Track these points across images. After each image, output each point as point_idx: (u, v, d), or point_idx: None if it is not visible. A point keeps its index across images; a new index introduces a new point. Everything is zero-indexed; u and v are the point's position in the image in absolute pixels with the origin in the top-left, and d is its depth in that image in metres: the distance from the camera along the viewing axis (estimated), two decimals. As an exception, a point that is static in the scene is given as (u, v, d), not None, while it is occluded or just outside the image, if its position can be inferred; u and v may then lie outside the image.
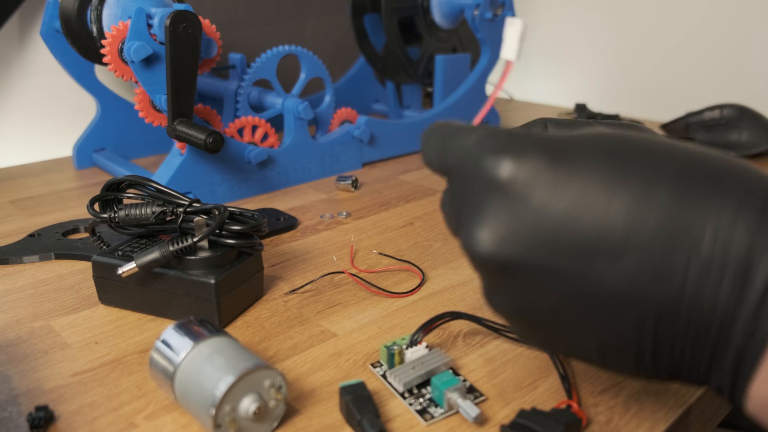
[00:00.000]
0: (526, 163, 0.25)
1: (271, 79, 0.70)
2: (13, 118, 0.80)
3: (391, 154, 0.79)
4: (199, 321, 0.34)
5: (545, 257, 0.24)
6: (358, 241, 0.55)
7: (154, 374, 0.33)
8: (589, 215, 0.24)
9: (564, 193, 0.24)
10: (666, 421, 0.33)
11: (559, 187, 0.24)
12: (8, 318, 0.43)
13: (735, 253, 0.22)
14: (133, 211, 0.43)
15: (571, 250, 0.24)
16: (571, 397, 0.34)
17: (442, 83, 0.84)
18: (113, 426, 0.33)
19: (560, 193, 0.24)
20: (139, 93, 0.61)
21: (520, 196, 0.25)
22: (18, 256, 0.51)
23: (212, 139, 0.56)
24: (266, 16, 0.97)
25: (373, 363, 0.37)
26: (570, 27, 1.13)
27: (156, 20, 0.56)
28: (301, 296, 0.46)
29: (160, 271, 0.41)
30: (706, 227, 0.23)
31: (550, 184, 0.24)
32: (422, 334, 0.37)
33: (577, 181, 0.24)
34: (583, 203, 0.24)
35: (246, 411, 0.30)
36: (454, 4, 0.83)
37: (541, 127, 0.34)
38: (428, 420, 0.32)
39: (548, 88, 1.19)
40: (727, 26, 0.95)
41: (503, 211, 0.25)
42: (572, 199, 0.24)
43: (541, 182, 0.25)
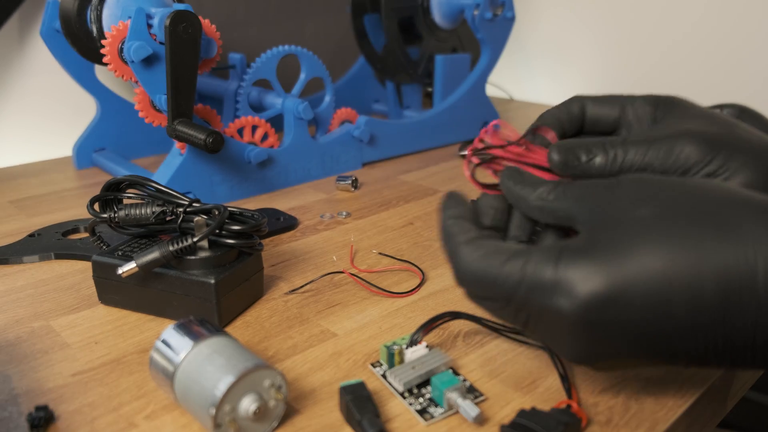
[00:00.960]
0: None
1: (271, 79, 0.70)
2: (13, 118, 0.80)
3: (391, 154, 0.79)
4: (199, 321, 0.34)
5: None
6: (358, 241, 0.55)
7: (154, 374, 0.33)
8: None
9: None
10: (666, 421, 0.33)
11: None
12: (8, 318, 0.43)
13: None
14: (133, 211, 0.43)
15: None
16: (571, 397, 0.34)
17: (442, 83, 0.84)
18: (113, 426, 0.33)
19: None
20: (139, 93, 0.61)
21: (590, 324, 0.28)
22: (18, 256, 0.51)
23: (212, 139, 0.56)
24: (266, 16, 0.97)
25: (373, 363, 0.37)
26: (570, 27, 1.13)
27: (156, 20, 0.56)
28: (301, 296, 0.46)
29: (160, 271, 0.41)
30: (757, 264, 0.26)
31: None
32: (422, 334, 0.37)
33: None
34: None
35: (246, 411, 0.30)
36: (454, 4, 0.83)
37: (578, 107, 0.38)
38: (428, 420, 0.32)
39: (548, 88, 1.19)
40: (727, 26, 0.95)
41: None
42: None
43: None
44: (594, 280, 0.27)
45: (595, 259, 0.28)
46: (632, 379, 0.36)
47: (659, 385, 0.35)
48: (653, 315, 0.27)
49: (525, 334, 0.34)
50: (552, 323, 0.29)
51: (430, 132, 0.82)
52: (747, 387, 0.43)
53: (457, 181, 0.71)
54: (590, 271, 0.27)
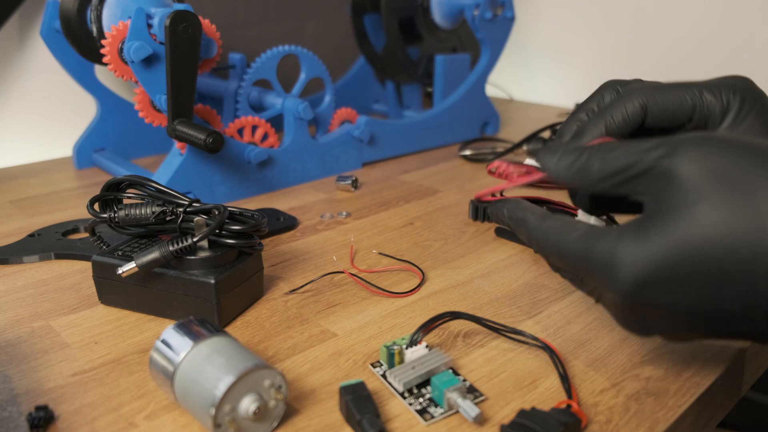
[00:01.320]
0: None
1: (271, 79, 0.70)
2: (13, 118, 0.80)
3: (391, 154, 0.79)
4: (199, 321, 0.34)
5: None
6: (358, 241, 0.55)
7: (154, 374, 0.33)
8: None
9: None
10: (666, 421, 0.33)
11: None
12: (8, 318, 0.43)
13: None
14: (133, 211, 0.43)
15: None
16: (571, 397, 0.34)
17: (442, 83, 0.84)
18: (113, 426, 0.33)
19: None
20: (139, 93, 0.61)
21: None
22: (18, 256, 0.51)
23: (212, 139, 0.56)
24: (266, 16, 0.97)
25: (373, 363, 0.37)
26: (570, 27, 1.13)
27: (156, 20, 0.56)
28: (301, 296, 0.46)
29: (160, 271, 0.41)
30: None
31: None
32: (422, 334, 0.37)
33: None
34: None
35: (246, 411, 0.30)
36: (454, 4, 0.83)
37: (639, 102, 0.35)
38: (428, 420, 0.32)
39: (548, 88, 1.19)
40: (727, 26, 0.95)
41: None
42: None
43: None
44: (639, 264, 0.27)
45: (646, 239, 0.27)
46: (632, 379, 0.36)
47: (659, 385, 0.35)
48: (705, 294, 0.27)
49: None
50: (609, 301, 0.30)
51: (430, 132, 0.82)
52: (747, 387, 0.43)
53: (457, 181, 0.71)
54: (638, 253, 0.27)
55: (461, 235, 0.56)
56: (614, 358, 0.38)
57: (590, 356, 0.38)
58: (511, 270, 0.49)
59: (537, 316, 0.43)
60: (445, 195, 0.66)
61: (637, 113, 0.35)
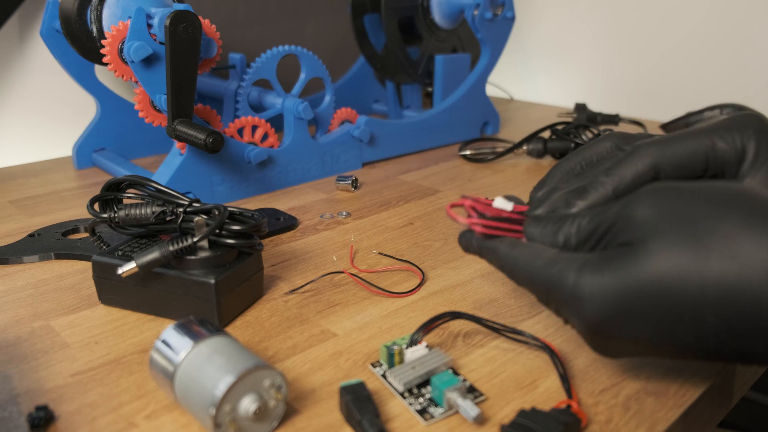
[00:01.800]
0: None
1: (271, 79, 0.70)
2: (13, 118, 0.80)
3: (391, 154, 0.79)
4: (199, 321, 0.34)
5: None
6: (358, 241, 0.55)
7: (154, 374, 0.33)
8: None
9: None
10: (666, 421, 0.33)
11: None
12: (8, 318, 0.43)
13: None
14: (133, 211, 0.43)
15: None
16: (571, 397, 0.34)
17: (442, 83, 0.84)
18: (113, 426, 0.33)
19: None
20: (139, 93, 0.61)
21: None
22: (18, 256, 0.51)
23: (212, 139, 0.56)
24: (266, 16, 0.97)
25: (373, 363, 0.37)
26: (570, 27, 1.13)
27: (156, 20, 0.56)
28: (301, 296, 0.46)
29: (160, 271, 0.41)
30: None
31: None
32: (422, 334, 0.37)
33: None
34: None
35: (246, 411, 0.30)
36: (454, 4, 0.83)
37: (649, 162, 0.35)
38: (428, 420, 0.32)
39: (548, 88, 1.19)
40: (727, 27, 0.95)
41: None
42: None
43: None
44: (599, 298, 0.30)
45: (605, 273, 0.29)
46: (632, 379, 0.36)
47: (659, 385, 0.35)
48: (660, 328, 0.29)
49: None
50: (576, 326, 0.32)
51: (430, 132, 0.82)
52: (747, 387, 0.43)
53: (457, 181, 0.71)
54: (598, 286, 0.30)
55: (461, 235, 0.56)
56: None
57: (590, 356, 0.38)
58: (511, 270, 0.49)
59: (537, 316, 0.43)
60: (445, 195, 0.66)
61: (648, 173, 0.35)
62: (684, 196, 0.30)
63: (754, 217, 0.28)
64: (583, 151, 0.39)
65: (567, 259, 0.32)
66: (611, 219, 0.31)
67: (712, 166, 0.35)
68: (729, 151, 0.34)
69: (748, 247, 0.27)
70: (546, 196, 0.37)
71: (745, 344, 0.28)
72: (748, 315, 0.27)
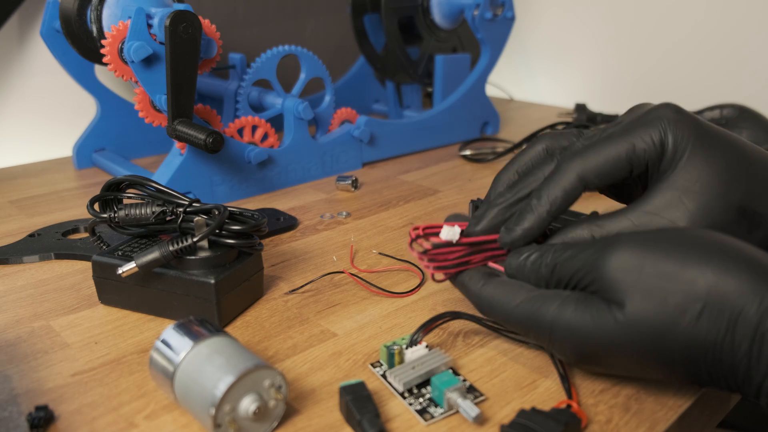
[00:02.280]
0: None
1: (271, 79, 0.70)
2: (13, 118, 0.80)
3: (391, 154, 0.79)
4: (199, 321, 0.34)
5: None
6: (358, 241, 0.55)
7: (154, 374, 0.33)
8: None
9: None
10: (666, 421, 0.33)
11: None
12: (8, 318, 0.43)
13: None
14: (133, 211, 0.43)
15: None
16: (571, 397, 0.34)
17: (442, 83, 0.84)
18: (113, 426, 0.33)
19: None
20: (139, 93, 0.61)
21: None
22: (18, 256, 0.51)
23: (212, 139, 0.56)
24: (266, 16, 0.97)
25: (373, 363, 0.37)
26: (570, 27, 1.13)
27: (156, 20, 0.56)
28: (301, 296, 0.46)
29: (160, 271, 0.41)
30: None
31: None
32: (422, 334, 0.37)
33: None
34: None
35: (246, 411, 0.30)
36: (454, 4, 0.83)
37: (577, 180, 0.36)
38: (428, 420, 0.32)
39: (548, 88, 1.19)
40: (727, 26, 0.95)
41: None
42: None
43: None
44: (574, 340, 0.32)
45: (582, 319, 0.32)
46: (632, 379, 0.36)
47: (659, 385, 0.35)
48: (630, 368, 0.32)
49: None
50: (550, 347, 0.34)
51: (430, 132, 0.82)
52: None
53: (457, 181, 0.71)
54: (578, 329, 0.32)
55: (461, 235, 0.56)
56: (614, 358, 0.38)
57: (590, 356, 0.38)
58: (511, 270, 0.49)
59: (537, 316, 0.43)
60: (445, 195, 0.66)
61: (576, 187, 0.36)
62: (650, 252, 0.31)
63: (727, 262, 0.30)
64: (518, 159, 0.41)
65: (542, 297, 0.34)
66: (586, 268, 0.33)
67: (636, 167, 0.36)
68: (648, 149, 0.36)
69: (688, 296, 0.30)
70: (483, 213, 0.38)
71: (710, 384, 0.31)
72: (709, 363, 0.29)
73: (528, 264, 0.36)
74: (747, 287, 0.28)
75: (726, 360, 0.29)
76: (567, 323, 0.32)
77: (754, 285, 0.28)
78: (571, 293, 0.33)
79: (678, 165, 0.35)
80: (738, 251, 0.30)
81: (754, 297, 0.28)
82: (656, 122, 0.36)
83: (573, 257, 0.34)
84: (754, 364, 0.28)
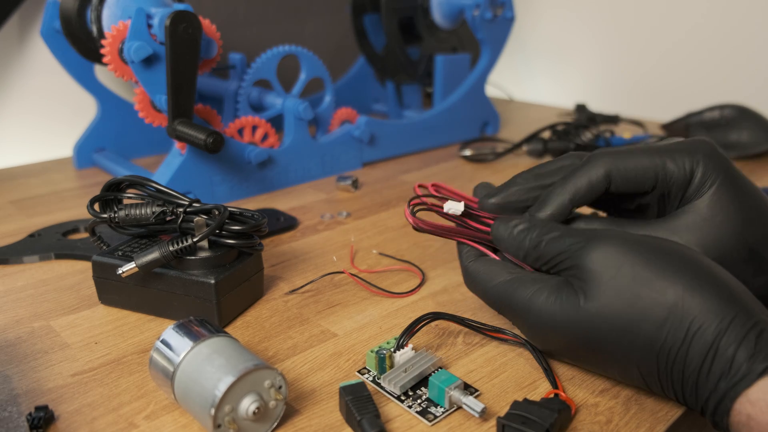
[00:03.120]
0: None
1: (271, 79, 0.70)
2: (13, 118, 0.80)
3: (391, 154, 0.79)
4: (199, 321, 0.34)
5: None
6: (358, 241, 0.55)
7: (154, 374, 0.33)
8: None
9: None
10: (666, 421, 0.33)
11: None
12: (8, 318, 0.43)
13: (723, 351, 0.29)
14: (133, 211, 0.43)
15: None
16: (556, 387, 0.35)
17: (442, 83, 0.84)
18: (113, 426, 0.33)
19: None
20: (139, 93, 0.61)
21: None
22: (18, 256, 0.51)
23: (212, 139, 0.56)
24: (266, 16, 0.97)
25: (360, 370, 0.37)
26: (570, 27, 1.13)
27: (156, 20, 0.56)
28: (301, 296, 0.46)
29: (160, 271, 0.41)
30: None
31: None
32: (407, 337, 0.37)
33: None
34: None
35: (246, 411, 0.30)
36: (454, 4, 0.83)
37: (603, 170, 0.37)
38: (431, 420, 0.32)
39: (548, 88, 1.19)
40: (728, 26, 0.95)
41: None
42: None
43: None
44: (545, 319, 0.34)
45: (556, 304, 0.33)
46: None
47: (659, 385, 0.35)
48: (588, 356, 0.34)
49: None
50: (522, 330, 0.36)
51: (430, 132, 0.82)
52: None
53: (457, 181, 0.71)
54: (547, 312, 0.33)
55: (461, 235, 0.56)
56: (614, 358, 0.38)
57: (590, 356, 0.38)
58: (511, 270, 0.49)
59: (537, 316, 0.43)
60: (445, 195, 0.66)
61: (602, 181, 0.37)
62: (632, 255, 0.32)
63: (695, 279, 0.31)
64: (542, 165, 0.41)
65: (520, 281, 0.35)
66: (568, 253, 0.34)
67: (661, 185, 0.37)
68: (677, 173, 0.36)
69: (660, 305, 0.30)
70: (501, 188, 0.40)
71: (661, 392, 0.32)
72: (662, 370, 0.31)
73: (514, 233, 0.36)
74: (711, 306, 0.30)
75: (677, 371, 0.30)
76: (538, 308, 0.34)
77: (717, 306, 0.30)
78: (548, 279, 0.35)
79: (704, 195, 0.36)
80: (714, 274, 0.31)
81: (714, 317, 0.29)
82: (691, 151, 0.37)
83: (558, 239, 0.34)
84: (702, 380, 0.29)
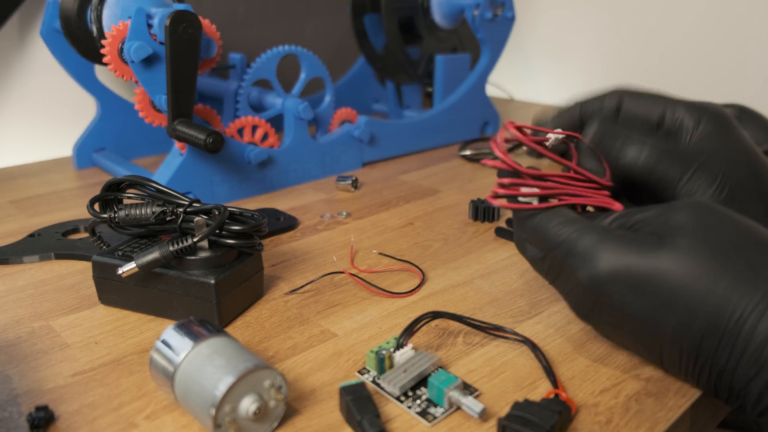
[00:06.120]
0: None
1: (271, 79, 0.70)
2: (13, 118, 0.80)
3: (391, 154, 0.79)
4: (199, 321, 0.34)
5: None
6: (358, 241, 0.55)
7: (154, 374, 0.33)
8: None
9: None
10: (666, 421, 0.33)
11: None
12: (8, 318, 0.43)
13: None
14: (133, 211, 0.43)
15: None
16: (556, 387, 0.35)
17: (442, 83, 0.84)
18: (113, 426, 0.33)
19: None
20: (139, 93, 0.61)
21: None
22: (18, 256, 0.51)
23: (212, 139, 0.56)
24: (266, 16, 0.97)
25: (360, 370, 0.37)
26: (570, 27, 1.13)
27: (156, 20, 0.56)
28: (301, 296, 0.46)
29: (160, 271, 0.41)
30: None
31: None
32: (407, 337, 0.37)
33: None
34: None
35: (246, 411, 0.30)
36: (454, 4, 0.83)
37: (615, 101, 0.42)
38: (431, 421, 0.32)
39: (548, 88, 1.19)
40: (727, 26, 0.95)
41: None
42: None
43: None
44: (613, 263, 0.32)
45: (627, 250, 0.32)
46: (632, 379, 0.36)
47: (659, 385, 0.35)
48: (647, 312, 0.32)
49: (553, 285, 0.37)
50: (574, 283, 0.34)
51: (430, 132, 0.82)
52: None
53: (458, 181, 0.71)
54: (615, 256, 0.32)
55: (461, 235, 0.56)
56: (614, 358, 0.38)
57: (590, 356, 0.38)
58: (511, 270, 0.49)
59: (537, 316, 0.43)
60: (445, 195, 0.66)
61: (612, 97, 0.42)
62: (719, 216, 0.32)
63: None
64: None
65: (589, 226, 0.34)
66: (652, 215, 0.34)
67: (668, 124, 0.41)
68: (687, 117, 0.40)
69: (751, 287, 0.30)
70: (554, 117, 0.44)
71: (677, 369, 0.32)
72: (724, 350, 0.30)
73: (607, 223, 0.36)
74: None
75: (724, 352, 0.30)
76: (609, 248, 0.33)
77: None
78: (614, 231, 0.34)
79: (708, 143, 0.39)
80: None
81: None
82: (703, 104, 0.41)
83: (641, 211, 0.35)
84: (751, 370, 0.29)
